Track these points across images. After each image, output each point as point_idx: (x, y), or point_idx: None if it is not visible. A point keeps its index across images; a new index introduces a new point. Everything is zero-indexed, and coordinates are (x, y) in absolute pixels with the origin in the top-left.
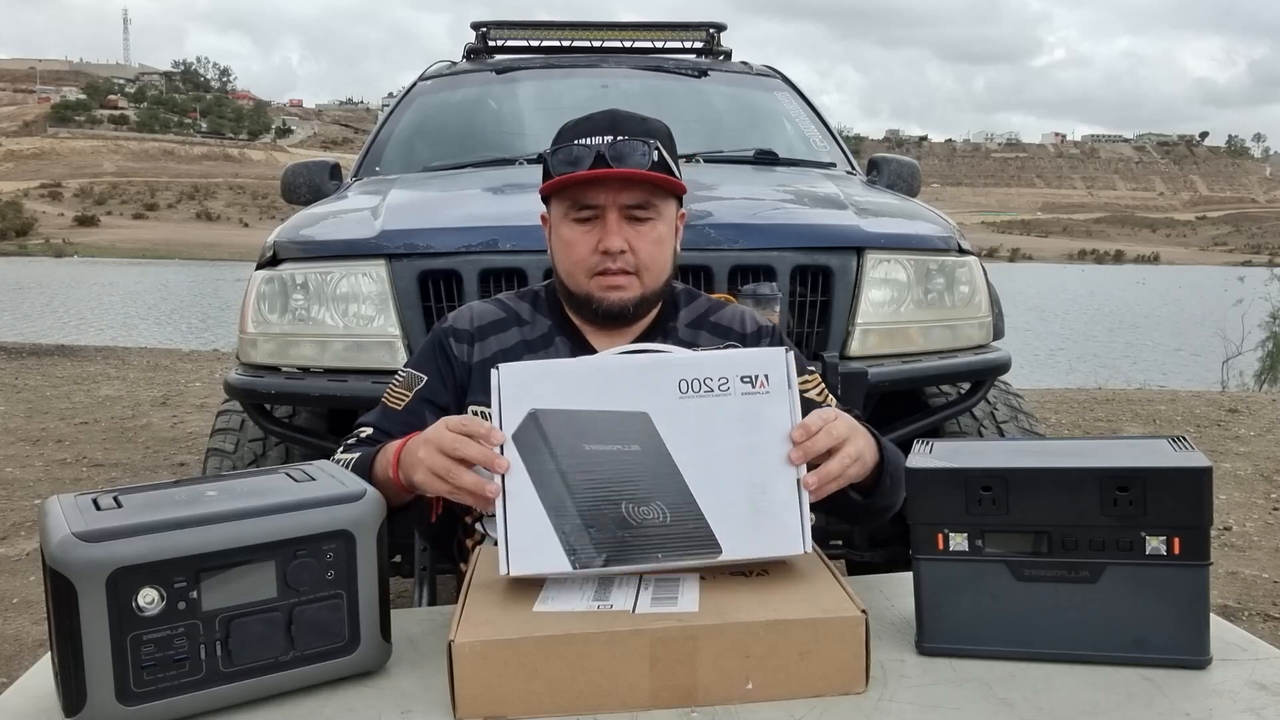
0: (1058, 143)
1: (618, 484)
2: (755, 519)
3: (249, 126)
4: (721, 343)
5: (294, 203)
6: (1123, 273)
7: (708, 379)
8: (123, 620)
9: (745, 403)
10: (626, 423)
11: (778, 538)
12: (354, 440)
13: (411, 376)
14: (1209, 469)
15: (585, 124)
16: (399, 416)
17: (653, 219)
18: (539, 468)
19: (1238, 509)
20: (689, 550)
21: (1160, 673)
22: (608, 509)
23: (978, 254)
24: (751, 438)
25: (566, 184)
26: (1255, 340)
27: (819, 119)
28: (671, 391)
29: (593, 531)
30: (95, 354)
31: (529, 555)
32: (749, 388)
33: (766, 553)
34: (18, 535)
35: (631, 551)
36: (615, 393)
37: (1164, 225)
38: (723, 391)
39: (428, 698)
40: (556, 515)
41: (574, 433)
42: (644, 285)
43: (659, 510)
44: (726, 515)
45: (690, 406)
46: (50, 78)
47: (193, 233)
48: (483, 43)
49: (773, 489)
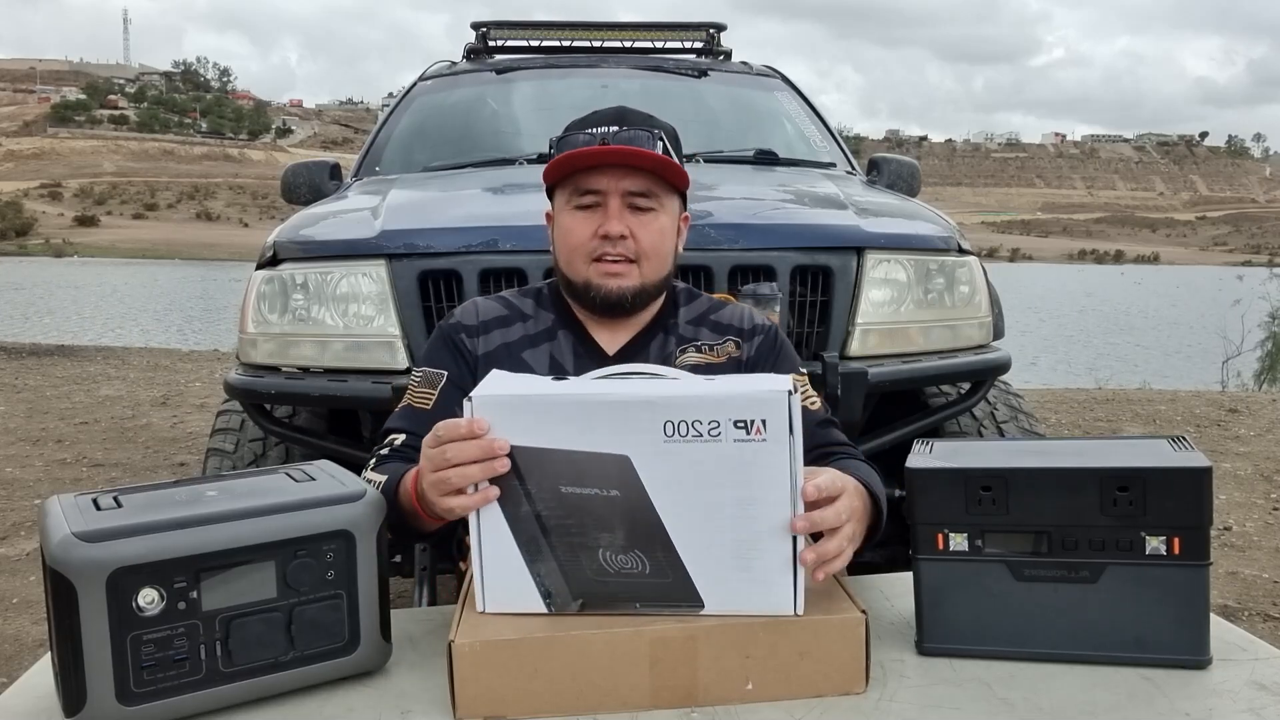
0: (1058, 143)
1: (594, 530)
2: (742, 576)
3: (249, 126)
4: (721, 339)
5: (294, 203)
6: (1122, 273)
7: (696, 422)
8: (123, 620)
9: (738, 450)
10: (606, 466)
11: (766, 596)
12: (386, 450)
13: (432, 374)
14: (1209, 469)
15: (593, 117)
16: (429, 416)
17: (655, 209)
18: (514, 508)
19: (1238, 509)
20: (669, 603)
21: (1160, 673)
22: (584, 555)
23: (978, 254)
24: (743, 489)
25: (568, 165)
26: (1255, 340)
27: (819, 119)
28: (656, 434)
29: (568, 577)
30: (95, 354)
31: (503, 595)
32: (743, 434)
33: (753, 609)
34: (18, 535)
35: (608, 600)
36: (596, 432)
37: (1164, 225)
38: (713, 437)
39: (428, 698)
40: (531, 558)
41: (551, 473)
42: (643, 274)
43: (638, 560)
44: (711, 571)
45: (676, 451)
46: (50, 78)
47: (193, 233)
48: (483, 43)
49: (765, 548)
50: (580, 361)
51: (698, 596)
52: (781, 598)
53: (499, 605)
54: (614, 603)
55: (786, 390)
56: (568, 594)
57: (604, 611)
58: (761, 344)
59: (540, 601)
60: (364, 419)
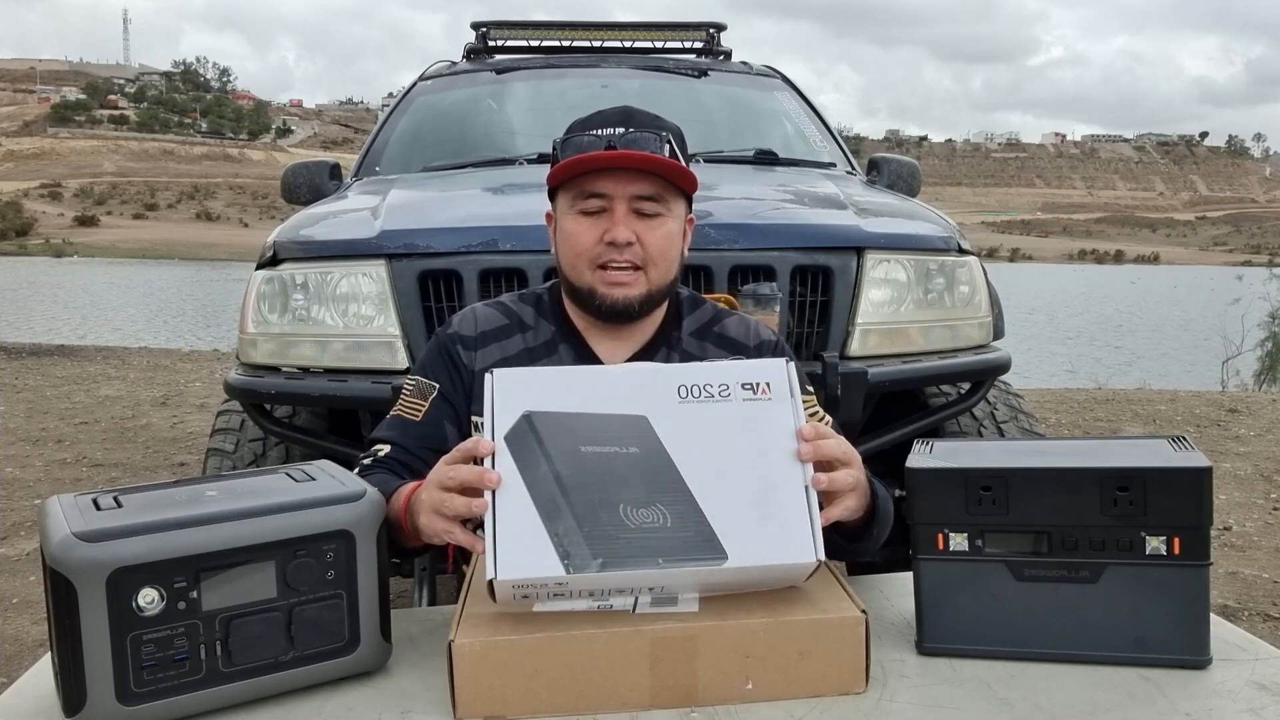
0: (1057, 143)
1: (615, 486)
2: (763, 524)
3: (249, 126)
4: (729, 356)
5: (294, 203)
6: (1121, 273)
7: (707, 385)
8: (123, 620)
9: (747, 408)
10: (624, 425)
11: (788, 544)
12: (369, 460)
13: (424, 385)
14: (1209, 469)
15: (597, 117)
16: (417, 429)
17: (662, 214)
18: (532, 469)
19: (1238, 509)
20: (692, 556)
21: (1160, 673)
22: (604, 511)
23: (977, 254)
24: (756, 441)
25: (575, 169)
26: (1254, 340)
27: (819, 119)
28: (670, 396)
29: (588, 534)
30: (95, 354)
31: (519, 558)
32: (750, 394)
33: (776, 559)
34: (18, 535)
35: (629, 556)
36: (612, 397)
37: (1164, 225)
38: (723, 397)
39: (428, 698)
40: (549, 517)
41: (569, 434)
42: (650, 282)
43: (659, 513)
44: (732, 519)
45: (690, 410)
46: (50, 78)
47: (193, 233)
48: (482, 43)
49: (781, 491)
50: None
51: (720, 548)
52: (802, 545)
53: (514, 571)
54: (634, 559)
55: (785, 360)
56: (587, 554)
57: (624, 570)
58: None
59: (558, 564)
60: (364, 419)
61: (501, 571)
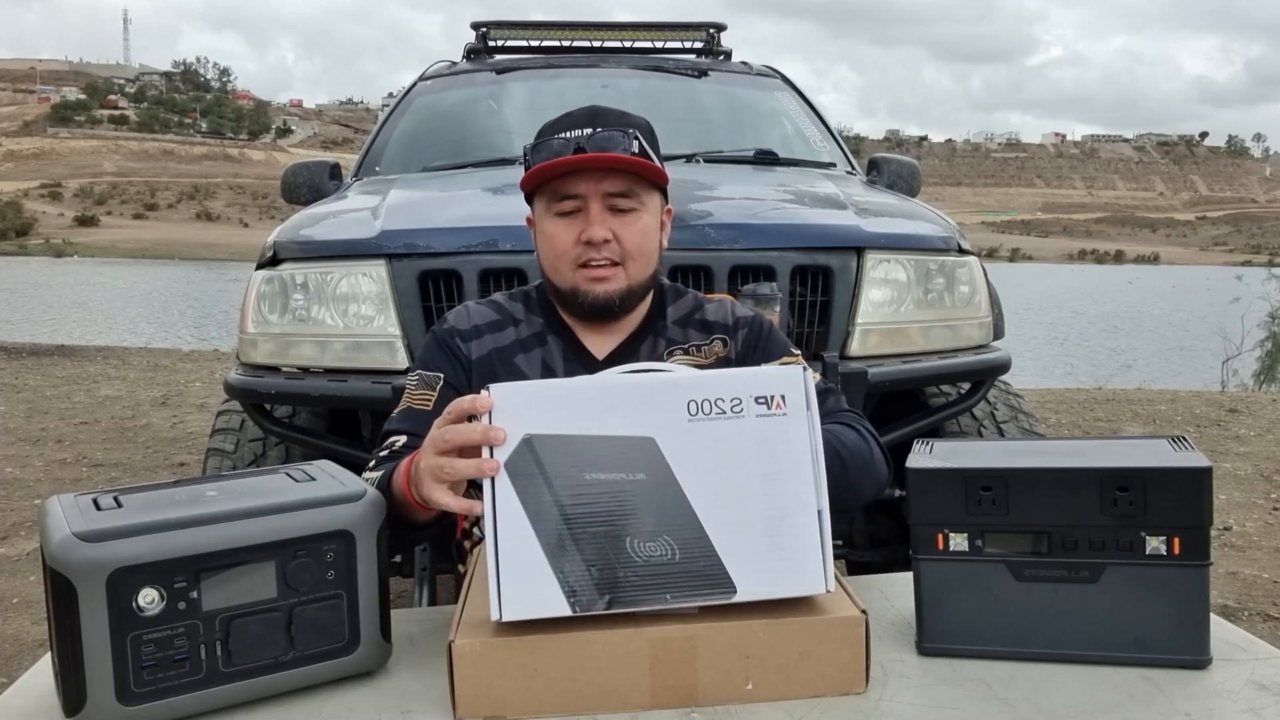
0: (1057, 143)
1: (621, 517)
2: (773, 554)
3: (249, 126)
4: (708, 339)
5: (294, 203)
6: (1121, 273)
7: (719, 400)
8: (123, 620)
9: (760, 425)
10: (630, 449)
11: (798, 575)
12: (386, 453)
13: (429, 377)
14: (1209, 469)
15: (565, 119)
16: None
17: (637, 209)
18: (535, 499)
19: (1238, 509)
20: (700, 590)
21: (1160, 673)
22: (610, 545)
23: (977, 254)
24: (768, 463)
25: (546, 174)
26: (1254, 340)
27: (819, 119)
28: (679, 413)
29: (594, 571)
30: (95, 354)
31: (523, 598)
32: (764, 409)
33: (784, 592)
34: (18, 535)
35: (637, 592)
36: (618, 415)
37: (1164, 225)
38: (735, 414)
39: (428, 698)
40: (554, 553)
41: (573, 460)
42: (630, 276)
43: (667, 546)
44: (741, 551)
45: (700, 430)
46: (50, 78)
47: (193, 233)
48: (482, 43)
49: (792, 519)
50: (570, 367)
51: (729, 580)
52: (813, 576)
53: (519, 611)
54: (643, 596)
55: (801, 368)
56: (594, 591)
57: (632, 608)
58: (746, 336)
59: (564, 602)
60: (364, 419)
61: (506, 612)
